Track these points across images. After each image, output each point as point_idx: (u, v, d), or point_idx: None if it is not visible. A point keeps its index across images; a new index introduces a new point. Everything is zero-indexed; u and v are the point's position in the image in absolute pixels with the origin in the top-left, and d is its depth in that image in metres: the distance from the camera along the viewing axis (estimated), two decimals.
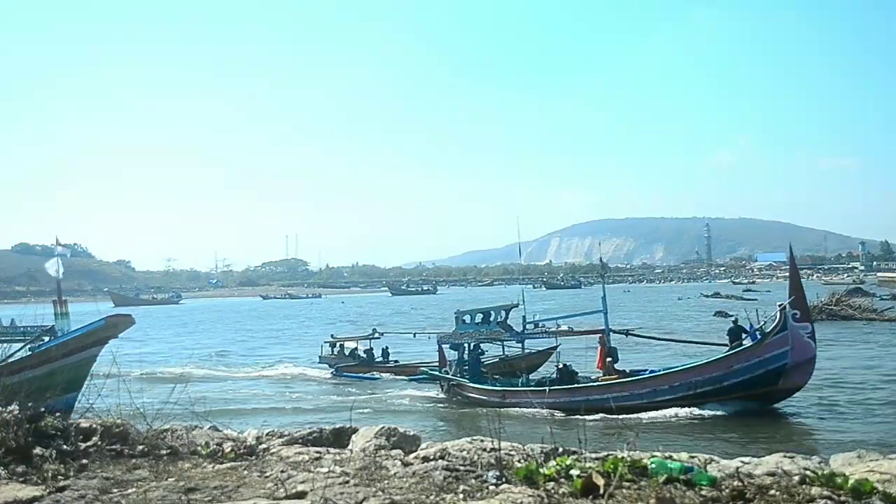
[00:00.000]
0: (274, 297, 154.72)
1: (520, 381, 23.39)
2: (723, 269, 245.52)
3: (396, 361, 31.81)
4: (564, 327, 25.30)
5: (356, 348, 31.91)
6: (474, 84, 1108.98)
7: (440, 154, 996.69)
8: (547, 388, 20.95)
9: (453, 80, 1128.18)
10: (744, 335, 21.23)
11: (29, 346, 19.13)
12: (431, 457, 4.50)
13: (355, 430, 5.76)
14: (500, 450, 4.35)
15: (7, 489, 3.87)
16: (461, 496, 3.63)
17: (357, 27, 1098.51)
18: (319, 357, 32.28)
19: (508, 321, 24.96)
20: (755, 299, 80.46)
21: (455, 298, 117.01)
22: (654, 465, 3.83)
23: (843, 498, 3.41)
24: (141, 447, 4.79)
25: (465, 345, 24.64)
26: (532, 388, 21.88)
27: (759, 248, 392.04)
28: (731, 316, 56.48)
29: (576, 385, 21.46)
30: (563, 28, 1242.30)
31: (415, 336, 34.77)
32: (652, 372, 21.46)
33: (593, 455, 4.34)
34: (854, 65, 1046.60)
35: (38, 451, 4.49)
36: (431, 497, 3.63)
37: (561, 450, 4.56)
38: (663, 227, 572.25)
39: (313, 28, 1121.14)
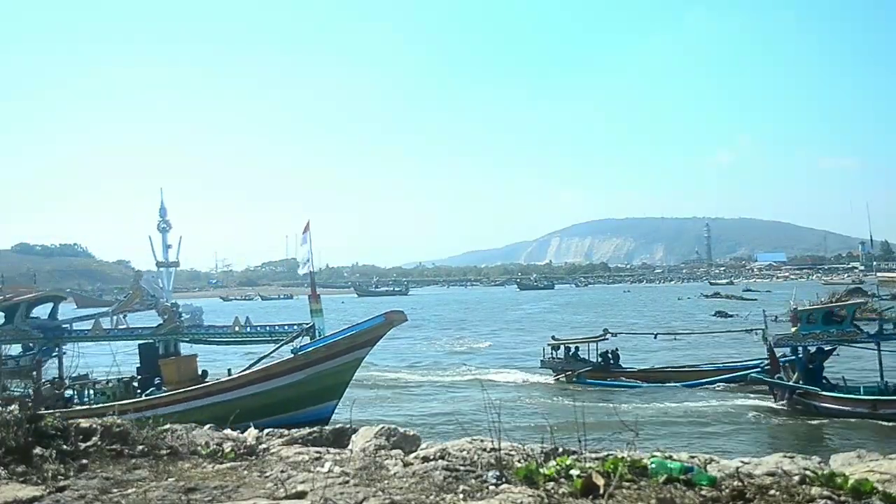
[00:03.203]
0: (235, 298, 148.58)
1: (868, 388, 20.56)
2: (723, 269, 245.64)
3: (619, 366, 28.52)
4: None
5: (577, 350, 28.73)
6: (474, 84, 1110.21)
7: (440, 154, 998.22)
8: None
9: (453, 80, 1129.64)
10: None
11: (286, 346, 17.52)
12: (431, 457, 4.49)
13: (355, 430, 5.77)
14: (500, 450, 4.35)
15: (7, 489, 3.87)
16: (461, 496, 3.62)
17: (357, 27, 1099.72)
18: (541, 361, 29.06)
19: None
20: (755, 299, 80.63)
21: (432, 300, 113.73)
22: (654, 465, 3.83)
23: (843, 498, 3.41)
24: (141, 447, 4.79)
25: (805, 348, 21.51)
26: None
27: (760, 248, 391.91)
28: (731, 316, 57.06)
29: None
30: (563, 28, 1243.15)
31: (656, 337, 32.18)
32: None
33: (593, 455, 4.34)
34: (854, 65, 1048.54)
35: (38, 451, 4.48)
36: (431, 497, 3.63)
37: (561, 450, 4.56)
38: (663, 227, 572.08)
39: (314, 28, 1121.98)
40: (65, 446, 4.64)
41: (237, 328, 19.19)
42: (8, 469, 4.22)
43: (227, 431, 6.00)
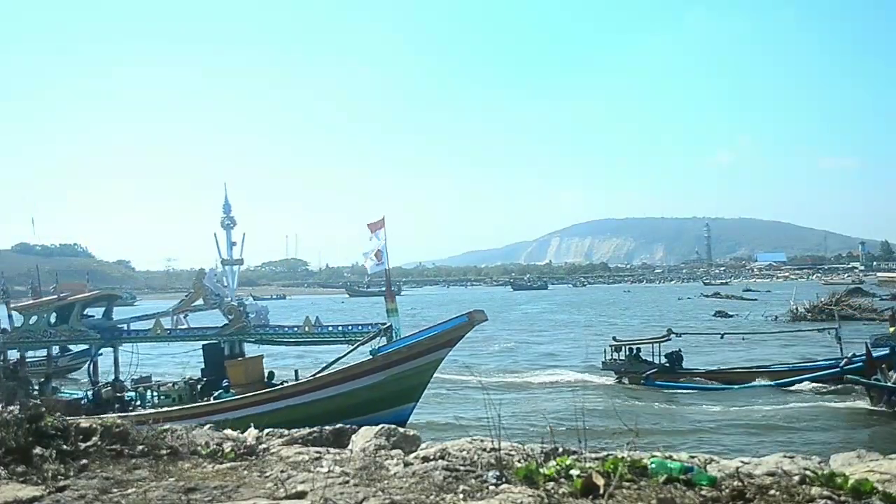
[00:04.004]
0: None
1: None
2: (723, 269, 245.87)
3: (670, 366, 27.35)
4: None
5: (639, 351, 27.86)
6: (475, 84, 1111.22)
7: (440, 154, 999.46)
8: None
9: (454, 80, 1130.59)
10: None
11: (363, 347, 16.65)
12: (431, 457, 4.49)
13: (355, 430, 5.76)
14: (500, 450, 4.34)
15: (7, 489, 3.87)
16: (461, 496, 3.62)
17: (358, 27, 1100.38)
18: (602, 363, 28.18)
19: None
20: (755, 299, 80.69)
21: (426, 301, 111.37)
22: (654, 465, 3.83)
23: (843, 498, 3.41)
24: (141, 447, 4.79)
25: None
26: None
27: (759, 248, 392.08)
28: (731, 316, 57.13)
29: None
30: (563, 28, 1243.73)
31: (722, 337, 31.47)
32: None
33: (593, 455, 4.33)
34: (854, 65, 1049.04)
35: (38, 451, 4.48)
36: (431, 497, 3.63)
37: (561, 450, 4.55)
38: (663, 227, 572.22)
39: (314, 28, 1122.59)
40: (65, 446, 4.64)
41: (307, 328, 18.40)
42: (8, 469, 4.22)
43: (228, 431, 6.00)
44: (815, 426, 19.04)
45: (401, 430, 5.57)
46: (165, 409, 16.27)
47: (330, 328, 18.69)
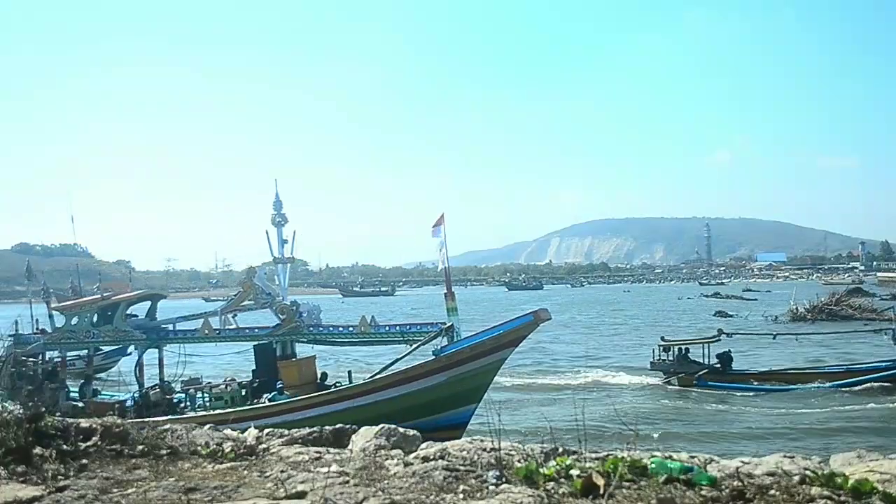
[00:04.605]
0: (218, 299, 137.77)
1: None
2: (723, 269, 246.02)
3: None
4: None
5: (687, 351, 27.33)
6: (474, 84, 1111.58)
7: (440, 154, 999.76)
8: None
9: (453, 81, 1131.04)
10: None
11: (426, 347, 16.25)
12: (431, 457, 4.49)
13: (355, 430, 5.76)
14: (500, 450, 4.34)
15: (7, 489, 3.86)
16: (461, 496, 3.62)
17: (358, 27, 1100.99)
18: (651, 363, 27.70)
19: None
20: (755, 299, 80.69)
21: (421, 301, 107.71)
22: (654, 465, 3.83)
23: (843, 498, 3.41)
24: (141, 447, 4.79)
25: None
26: None
27: (760, 248, 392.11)
28: (731, 315, 57.11)
29: None
30: (562, 28, 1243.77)
31: (774, 338, 31.59)
32: None
33: (593, 455, 4.34)
34: (854, 65, 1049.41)
35: (38, 451, 4.48)
36: (431, 497, 3.63)
37: (561, 450, 4.56)
38: (663, 227, 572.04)
39: (314, 29, 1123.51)
40: (65, 446, 4.64)
41: (363, 328, 17.79)
42: (8, 469, 4.22)
43: (228, 431, 6.00)
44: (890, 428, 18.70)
45: (401, 429, 5.57)
46: (219, 411, 15.94)
47: (387, 328, 18.17)
